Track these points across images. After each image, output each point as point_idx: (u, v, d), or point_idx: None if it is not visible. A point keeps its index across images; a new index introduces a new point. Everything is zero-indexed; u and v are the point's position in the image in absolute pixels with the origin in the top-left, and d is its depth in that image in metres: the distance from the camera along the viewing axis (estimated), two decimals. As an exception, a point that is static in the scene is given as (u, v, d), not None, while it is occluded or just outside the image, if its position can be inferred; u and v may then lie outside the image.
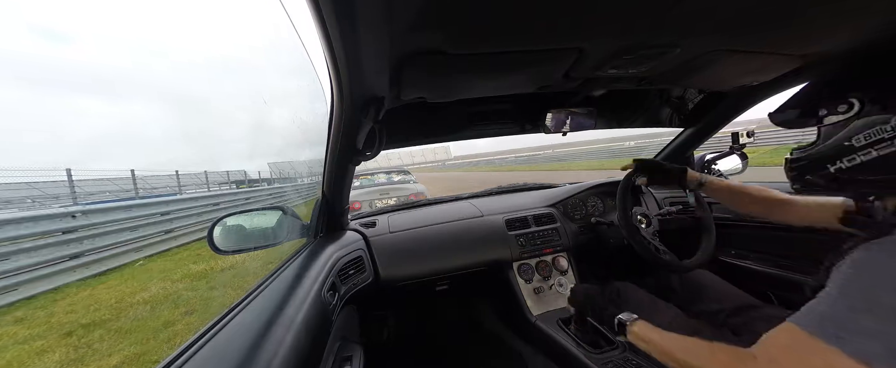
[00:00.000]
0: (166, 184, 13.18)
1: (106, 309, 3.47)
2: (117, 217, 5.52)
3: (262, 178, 21.90)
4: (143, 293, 3.85)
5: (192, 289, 3.91)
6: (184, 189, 13.17)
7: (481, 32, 0.56)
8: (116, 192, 10.66)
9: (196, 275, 4.43)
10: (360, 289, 1.11)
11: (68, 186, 6.69)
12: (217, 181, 17.77)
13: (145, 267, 5.19)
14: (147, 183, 12.45)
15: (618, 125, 1.40)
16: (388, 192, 5.19)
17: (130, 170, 9.05)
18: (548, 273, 1.36)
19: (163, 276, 4.48)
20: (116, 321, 3.18)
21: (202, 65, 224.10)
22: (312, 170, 17.96)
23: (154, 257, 5.70)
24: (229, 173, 19.08)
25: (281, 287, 0.78)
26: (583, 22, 0.55)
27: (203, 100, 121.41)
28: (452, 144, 31.96)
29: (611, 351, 1.00)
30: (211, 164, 43.17)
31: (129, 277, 4.61)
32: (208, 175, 15.61)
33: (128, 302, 3.64)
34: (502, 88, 0.88)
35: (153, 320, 3.13)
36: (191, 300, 3.57)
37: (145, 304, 3.52)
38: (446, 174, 36.84)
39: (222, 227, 0.97)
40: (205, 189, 14.85)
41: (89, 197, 9.19)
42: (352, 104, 0.75)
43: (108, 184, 11.35)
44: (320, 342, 0.73)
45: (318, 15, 0.45)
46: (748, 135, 1.41)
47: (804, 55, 0.78)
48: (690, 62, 0.77)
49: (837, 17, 0.60)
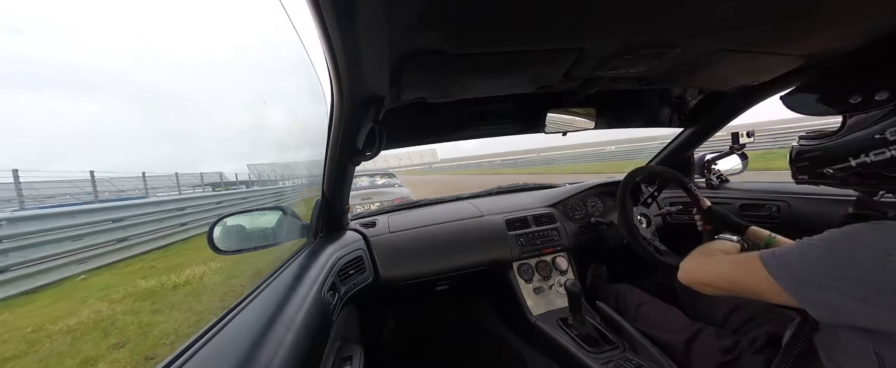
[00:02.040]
0: (136, 187, 12.13)
1: (15, 342, 2.80)
2: (61, 224, 4.78)
3: (239, 181, 20.85)
4: (71, 318, 3.17)
5: (133, 312, 3.28)
6: (154, 191, 12.39)
7: (481, 32, 0.56)
8: (78, 195, 9.43)
9: (142, 294, 3.77)
10: (360, 289, 1.10)
11: (15, 189, 6.10)
12: (191, 183, 16.64)
13: (87, 281, 4.48)
14: (114, 184, 11.62)
15: (618, 125, 1.40)
16: (371, 197, 4.93)
17: (90, 171, 8.09)
18: (548, 273, 1.36)
19: (102, 295, 3.80)
20: (23, 357, 2.58)
21: (191, 63, 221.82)
22: (295, 173, 17.18)
23: (100, 269, 4.91)
24: (203, 175, 17.78)
25: (281, 287, 0.78)
26: (583, 22, 0.55)
27: (187, 99, 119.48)
28: (439, 147, 31.67)
29: (611, 351, 1.00)
30: (189, 166, 41.37)
31: (63, 296, 3.95)
32: (179, 177, 14.23)
33: (48, 330, 2.98)
34: (502, 88, 0.88)
35: (70, 356, 2.53)
36: (126, 327, 2.94)
37: (68, 333, 2.89)
38: (432, 177, 35.62)
39: (222, 227, 0.97)
40: (182, 191, 13.63)
41: (47, 201, 8.10)
42: (352, 104, 0.75)
43: (67, 187, 9.92)
44: (320, 342, 0.73)
45: (317, 15, 0.45)
46: (748, 135, 1.41)
47: (804, 55, 0.78)
48: (690, 62, 0.78)
49: (837, 17, 0.60)
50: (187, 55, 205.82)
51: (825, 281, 0.48)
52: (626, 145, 31.61)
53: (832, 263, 0.48)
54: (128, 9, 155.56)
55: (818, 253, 0.50)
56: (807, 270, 0.50)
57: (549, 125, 1.21)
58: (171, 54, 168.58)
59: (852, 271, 0.46)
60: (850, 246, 0.48)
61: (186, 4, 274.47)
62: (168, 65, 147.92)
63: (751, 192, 1.36)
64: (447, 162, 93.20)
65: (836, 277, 0.47)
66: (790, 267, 0.52)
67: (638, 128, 1.50)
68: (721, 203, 1.44)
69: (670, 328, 0.97)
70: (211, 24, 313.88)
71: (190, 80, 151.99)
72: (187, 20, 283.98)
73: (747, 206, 1.35)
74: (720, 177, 1.49)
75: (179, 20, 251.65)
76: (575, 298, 1.06)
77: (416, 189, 7.69)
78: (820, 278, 0.49)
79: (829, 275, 0.48)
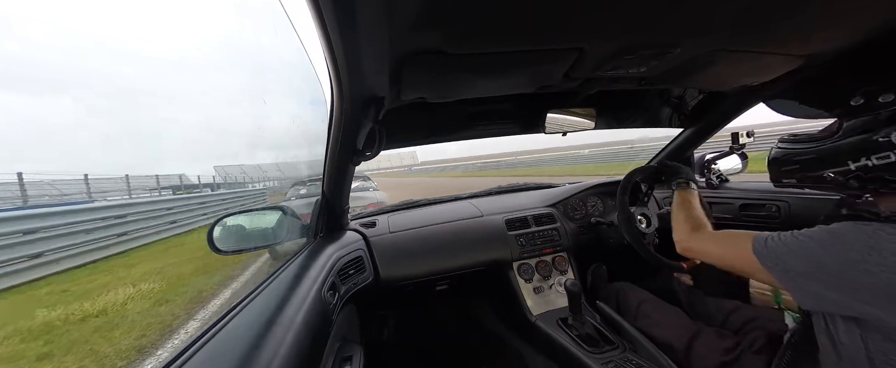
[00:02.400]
0: (81, 191, 10.60)
1: None
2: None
3: (203, 184, 18.78)
4: None
5: (9, 361, 2.56)
6: (104, 195, 11.16)
7: (481, 32, 0.56)
8: (11, 200, 7.75)
9: (33, 332, 2.91)
10: (360, 289, 1.11)
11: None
12: (146, 186, 14.91)
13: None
14: (56, 188, 10.54)
15: (618, 125, 1.40)
16: None
17: (18, 173, 6.81)
18: (548, 273, 1.36)
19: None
20: None
21: (178, 60, 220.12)
22: (267, 175, 16.20)
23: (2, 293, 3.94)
24: (159, 177, 15.82)
25: (281, 287, 0.78)
26: (583, 22, 0.55)
27: (163, 97, 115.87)
28: (420, 149, 30.97)
29: (611, 351, 1.00)
30: (153, 168, 38.53)
31: None
32: (130, 179, 12.61)
33: None
34: (502, 88, 0.88)
35: None
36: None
37: None
38: (412, 180, 33.42)
39: (222, 227, 0.97)
40: (133, 195, 12.02)
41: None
42: (352, 104, 0.75)
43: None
44: (320, 342, 0.73)
45: (317, 15, 0.45)
46: (748, 135, 1.41)
47: (804, 55, 0.78)
48: (690, 62, 0.77)
49: (837, 17, 0.60)
50: (164, 51, 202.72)
51: (811, 273, 0.53)
52: (598, 150, 31.85)
53: (817, 257, 0.52)
54: (126, 7, 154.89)
55: (806, 247, 0.54)
56: (794, 263, 0.55)
57: (548, 125, 1.21)
58: (150, 48, 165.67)
59: (834, 266, 0.50)
60: (834, 244, 0.51)
61: (184, 3, 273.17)
62: (151, 60, 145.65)
63: (751, 192, 1.36)
64: (428, 164, 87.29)
65: (821, 271, 0.52)
66: (779, 259, 0.57)
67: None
68: (721, 203, 1.44)
69: (671, 327, 0.97)
70: (207, 21, 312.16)
71: (171, 77, 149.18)
72: (179, 15, 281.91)
73: (747, 206, 1.35)
74: (720, 176, 1.49)
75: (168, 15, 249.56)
76: (575, 298, 1.06)
77: (394, 192, 7.17)
78: (806, 270, 0.53)
79: (814, 268, 0.53)
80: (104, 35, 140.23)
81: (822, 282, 0.52)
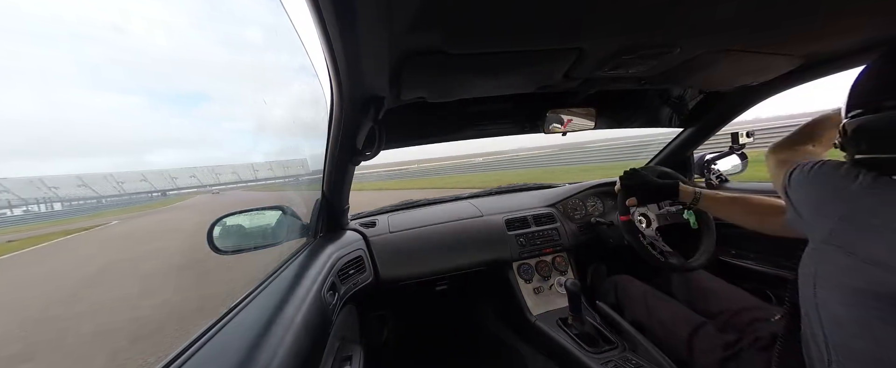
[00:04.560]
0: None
1: None
2: None
3: None
4: None
5: None
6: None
7: (481, 32, 0.56)
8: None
9: None
10: (359, 289, 1.10)
11: None
12: None
13: None
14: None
15: (617, 125, 1.40)
16: None
17: None
18: (547, 273, 1.36)
19: None
20: None
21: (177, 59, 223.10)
22: (220, 180, 16.42)
23: None
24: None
25: (280, 287, 0.78)
26: (583, 22, 0.55)
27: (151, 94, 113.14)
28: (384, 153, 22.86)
29: (610, 351, 1.00)
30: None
31: None
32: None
33: None
34: (502, 88, 0.88)
35: None
36: None
37: None
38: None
39: (222, 227, 0.97)
40: None
41: None
42: (352, 104, 0.75)
43: None
44: (320, 342, 0.73)
45: (317, 15, 0.45)
46: (748, 135, 1.41)
47: (804, 55, 0.78)
48: (690, 62, 0.77)
49: (837, 17, 0.60)
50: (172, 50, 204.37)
51: (801, 195, 0.59)
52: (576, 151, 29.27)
53: (810, 185, 0.58)
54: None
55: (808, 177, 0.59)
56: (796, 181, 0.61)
57: (548, 125, 1.21)
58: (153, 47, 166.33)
59: (818, 193, 0.56)
60: (823, 175, 0.56)
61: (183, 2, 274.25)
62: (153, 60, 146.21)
63: (751, 192, 1.36)
64: (374, 168, 49.30)
65: (807, 193, 0.58)
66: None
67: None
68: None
69: (672, 320, 0.96)
70: (207, 21, 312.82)
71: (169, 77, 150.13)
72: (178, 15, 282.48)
73: None
74: (720, 176, 1.49)
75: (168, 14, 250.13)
76: (575, 298, 1.06)
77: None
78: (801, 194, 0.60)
79: (803, 192, 0.59)
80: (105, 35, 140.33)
81: (803, 201, 0.59)
